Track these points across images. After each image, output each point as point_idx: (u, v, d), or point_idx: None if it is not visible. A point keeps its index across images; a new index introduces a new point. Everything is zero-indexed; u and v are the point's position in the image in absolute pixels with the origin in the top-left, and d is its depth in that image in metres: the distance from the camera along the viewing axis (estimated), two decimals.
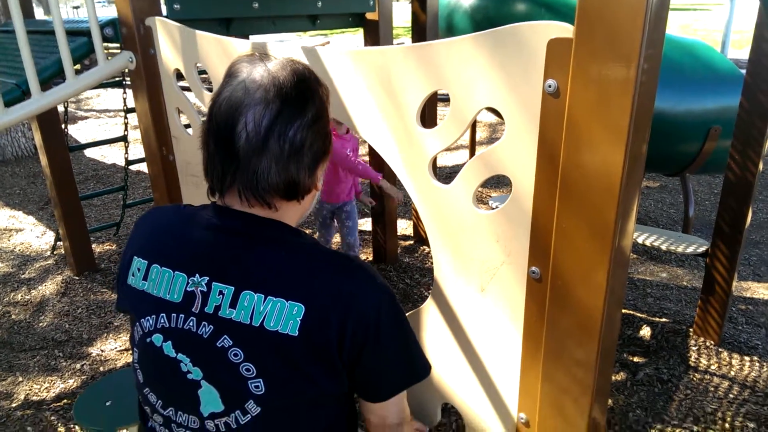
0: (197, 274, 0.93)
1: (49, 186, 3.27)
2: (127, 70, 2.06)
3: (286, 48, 1.49)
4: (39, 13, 11.47)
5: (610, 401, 2.29)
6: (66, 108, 3.19)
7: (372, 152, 3.36)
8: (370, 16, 2.84)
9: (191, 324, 0.92)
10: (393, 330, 0.98)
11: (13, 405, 2.35)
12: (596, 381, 1.11)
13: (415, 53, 1.21)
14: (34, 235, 4.13)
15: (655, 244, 2.72)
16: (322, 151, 0.97)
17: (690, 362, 2.54)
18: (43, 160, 3.15)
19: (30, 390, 2.44)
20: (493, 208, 1.19)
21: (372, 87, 1.32)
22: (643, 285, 3.26)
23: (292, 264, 0.93)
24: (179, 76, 1.99)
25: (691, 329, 2.76)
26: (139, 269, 0.99)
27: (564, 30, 0.97)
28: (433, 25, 3.13)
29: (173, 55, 1.90)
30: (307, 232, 1.27)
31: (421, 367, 1.04)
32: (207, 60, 1.76)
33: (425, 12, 3.05)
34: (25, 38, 1.76)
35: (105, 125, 7.61)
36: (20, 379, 2.52)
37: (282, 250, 0.95)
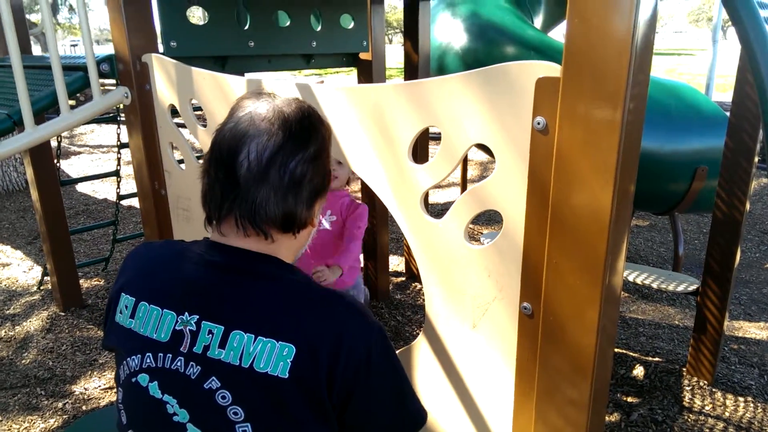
0: (187, 313, 0.91)
1: (38, 220, 3.25)
2: (122, 106, 2.08)
3: (281, 84, 1.52)
4: (36, 50, 11.62)
5: None
6: (59, 142, 3.20)
7: (364, 188, 3.36)
8: (363, 56, 2.90)
9: (179, 364, 0.89)
10: (384, 370, 0.96)
11: None
12: (590, 421, 1.10)
13: (407, 90, 1.23)
14: (21, 269, 4.07)
15: (646, 282, 2.73)
16: (320, 186, 0.98)
17: (684, 402, 2.51)
18: (34, 194, 3.14)
19: (9, 430, 2.36)
20: (484, 245, 1.19)
21: (365, 123, 1.34)
22: (635, 324, 3.24)
23: (284, 302, 0.92)
24: (174, 112, 2.01)
25: (684, 369, 2.74)
26: (126, 306, 0.97)
27: (552, 69, 0.99)
28: (425, 65, 3.19)
29: (168, 90, 1.92)
30: None
31: (416, 413, 1.00)
32: (202, 96, 1.79)
33: (417, 53, 3.12)
34: (21, 70, 1.78)
35: (98, 160, 7.62)
36: (0, 418, 2.44)
37: (274, 287, 0.93)
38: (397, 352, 1.47)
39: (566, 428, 1.13)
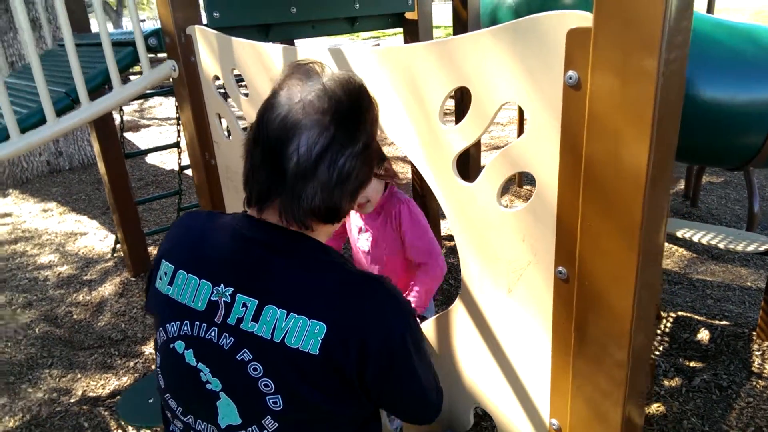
0: (222, 284, 0.92)
1: (107, 192, 3.44)
2: (171, 78, 2.13)
3: (313, 49, 1.50)
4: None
5: (662, 408, 2.19)
6: (122, 116, 3.34)
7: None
8: (409, 15, 2.83)
9: (213, 334, 0.91)
10: (414, 358, 0.97)
11: (71, 401, 2.48)
12: (629, 383, 1.06)
13: (436, 49, 1.19)
14: (96, 238, 4.35)
15: (713, 242, 2.57)
16: (367, 177, 0.98)
17: (752, 368, 2.38)
18: (101, 167, 3.32)
19: (87, 387, 2.57)
20: (518, 208, 1.15)
21: (396, 85, 1.31)
22: (703, 286, 3.08)
23: (318, 282, 0.92)
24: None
25: (753, 333, 2.59)
26: (166, 273, 1.00)
27: (583, 19, 0.92)
28: (475, 22, 3.07)
29: (212, 62, 1.95)
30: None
31: (436, 404, 1.06)
32: (242, 65, 1.80)
33: (466, 9, 3.00)
34: (74, 50, 1.85)
35: (166, 132, 7.93)
36: (78, 375, 2.66)
37: (309, 267, 0.93)
38: (437, 316, 1.47)
39: (604, 390, 1.10)
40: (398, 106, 1.32)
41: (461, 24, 3.06)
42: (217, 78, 1.99)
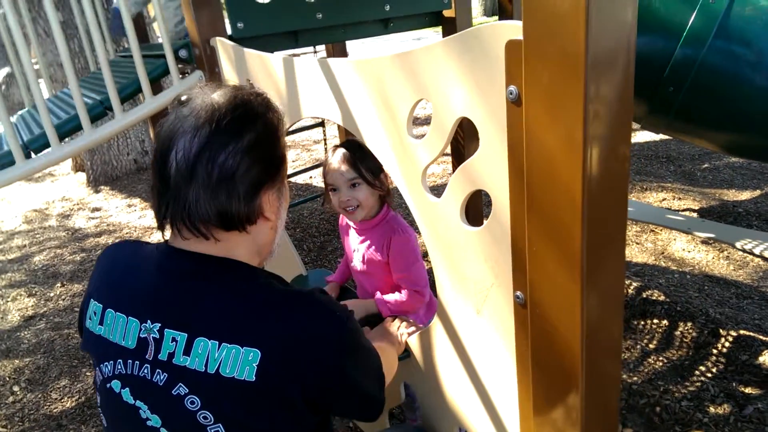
0: (149, 320, 0.91)
1: None
2: None
3: (300, 61, 1.51)
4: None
5: None
6: None
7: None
8: (447, 13, 2.76)
9: (146, 371, 0.91)
10: (355, 363, 0.96)
11: None
12: (584, 420, 0.97)
13: (399, 61, 1.16)
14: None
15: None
16: (263, 177, 0.92)
17: None
18: None
19: None
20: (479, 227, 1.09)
21: (372, 96, 1.28)
22: None
23: (246, 307, 0.90)
24: None
25: None
26: (95, 313, 0.99)
27: (518, 30, 0.86)
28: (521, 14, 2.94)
29: (231, 72, 2.01)
30: None
31: (380, 401, 1.05)
32: (253, 75, 1.85)
33: (512, 2, 2.88)
34: (106, 61, 1.98)
35: None
36: None
37: (235, 291, 0.92)
38: (419, 332, 1.44)
39: (563, 425, 1.02)
40: (374, 118, 1.30)
41: (507, 17, 2.95)
42: None
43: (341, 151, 1.66)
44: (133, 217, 5.11)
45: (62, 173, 6.94)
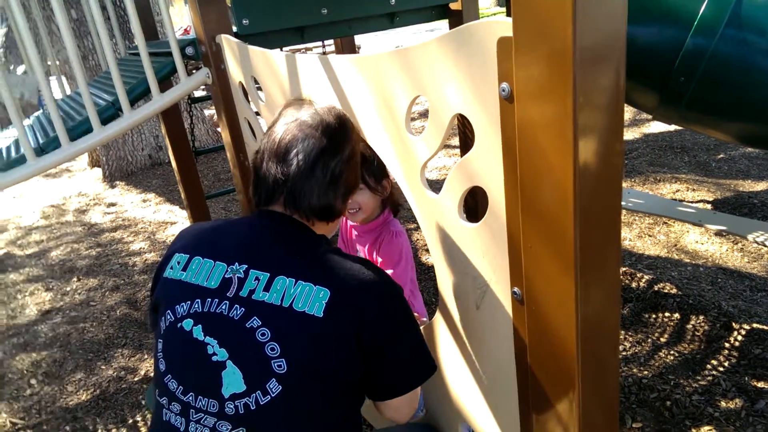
0: (236, 263, 1.06)
1: (180, 188, 3.69)
2: (205, 85, 2.24)
3: (304, 58, 1.52)
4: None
5: None
6: (191, 115, 3.56)
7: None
8: (453, 6, 2.74)
9: (224, 307, 1.03)
10: (408, 324, 1.10)
11: (135, 379, 2.72)
12: (582, 421, 0.97)
13: (397, 57, 1.16)
14: (184, 227, 4.70)
15: None
16: (354, 184, 1.19)
17: None
18: (174, 164, 3.56)
19: (149, 367, 2.81)
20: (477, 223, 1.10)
21: (372, 93, 1.28)
22: None
23: (323, 258, 1.08)
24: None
25: None
26: (178, 262, 1.12)
27: (508, 27, 0.85)
28: None
29: (236, 69, 2.03)
30: None
31: (431, 365, 1.15)
32: (257, 71, 1.86)
33: None
34: (114, 61, 2.01)
35: None
36: (145, 356, 2.90)
37: (313, 247, 1.10)
38: (423, 327, 1.44)
39: (560, 423, 1.02)
40: (374, 115, 1.30)
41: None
42: (242, 84, 2.06)
43: None
44: (148, 212, 5.18)
45: (79, 169, 7.05)
